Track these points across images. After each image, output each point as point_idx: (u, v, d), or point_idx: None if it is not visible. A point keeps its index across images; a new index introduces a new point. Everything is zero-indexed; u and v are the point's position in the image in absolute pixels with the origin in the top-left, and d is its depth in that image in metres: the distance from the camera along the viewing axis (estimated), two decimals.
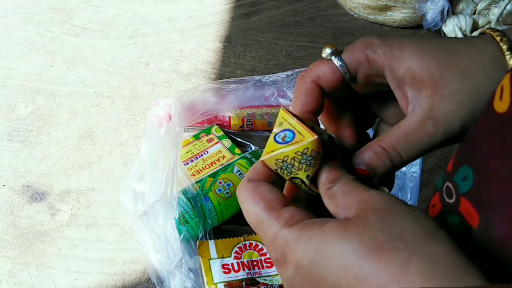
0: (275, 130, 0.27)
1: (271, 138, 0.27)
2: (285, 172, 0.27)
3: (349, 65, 0.30)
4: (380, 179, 0.30)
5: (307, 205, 0.30)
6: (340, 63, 0.30)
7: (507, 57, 0.28)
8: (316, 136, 0.25)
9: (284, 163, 0.27)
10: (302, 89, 0.31)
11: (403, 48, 0.30)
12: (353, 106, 0.34)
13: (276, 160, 0.27)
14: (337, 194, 0.26)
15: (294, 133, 0.26)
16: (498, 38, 0.29)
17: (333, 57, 0.31)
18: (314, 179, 0.27)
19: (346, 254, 0.23)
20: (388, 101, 0.33)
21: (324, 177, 0.27)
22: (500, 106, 0.25)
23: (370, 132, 0.36)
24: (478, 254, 0.26)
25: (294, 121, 0.27)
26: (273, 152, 0.27)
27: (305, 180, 0.27)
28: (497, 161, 0.25)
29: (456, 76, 0.28)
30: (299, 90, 0.31)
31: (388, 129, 0.32)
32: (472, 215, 0.26)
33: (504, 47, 0.29)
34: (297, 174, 0.27)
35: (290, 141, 0.26)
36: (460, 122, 0.28)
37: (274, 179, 0.28)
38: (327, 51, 0.31)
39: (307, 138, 0.26)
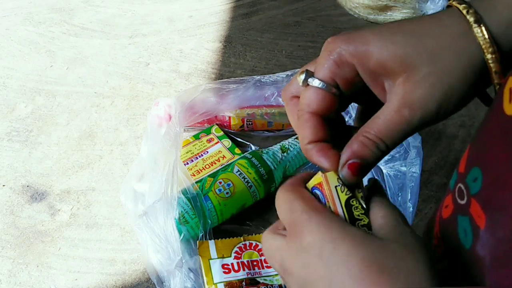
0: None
1: None
2: (346, 190, 0.30)
3: (326, 80, 0.30)
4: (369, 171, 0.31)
5: None
6: (320, 83, 0.30)
7: (475, 30, 0.28)
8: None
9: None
10: (303, 126, 0.31)
11: (368, 42, 0.29)
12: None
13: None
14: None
15: None
16: (464, 11, 0.28)
17: (310, 81, 0.31)
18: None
19: (353, 260, 0.25)
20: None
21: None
22: (510, 108, 0.25)
23: None
24: (485, 255, 0.26)
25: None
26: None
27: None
28: (504, 162, 0.25)
29: (425, 59, 0.28)
30: (301, 128, 0.32)
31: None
32: (480, 216, 0.26)
33: (471, 19, 0.28)
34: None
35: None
36: (435, 105, 0.29)
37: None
38: (301, 78, 0.31)
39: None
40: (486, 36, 0.28)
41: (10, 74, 0.95)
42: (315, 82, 0.31)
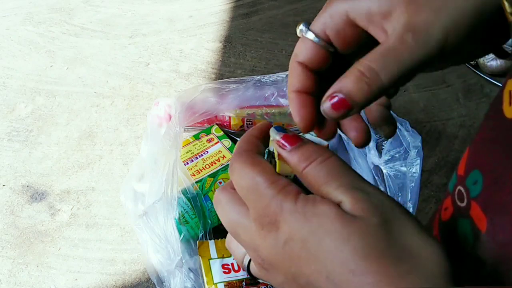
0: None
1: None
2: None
3: (319, 32, 0.29)
4: (359, 110, 0.28)
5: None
6: (313, 35, 0.29)
7: None
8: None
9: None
10: (290, 73, 0.30)
11: None
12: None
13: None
14: (320, 174, 0.26)
15: None
16: None
17: (304, 32, 0.29)
18: None
19: (345, 249, 0.23)
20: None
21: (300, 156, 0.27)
22: (510, 111, 0.25)
23: None
24: (486, 258, 0.26)
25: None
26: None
27: None
28: (504, 165, 0.25)
29: None
30: (289, 76, 0.30)
31: None
32: (480, 219, 0.26)
33: None
34: None
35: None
36: (441, 30, 0.26)
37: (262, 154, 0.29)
38: (299, 28, 0.30)
39: None
40: None
41: (10, 74, 0.95)
42: (307, 34, 0.29)
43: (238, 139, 0.81)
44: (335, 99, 0.26)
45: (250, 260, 0.29)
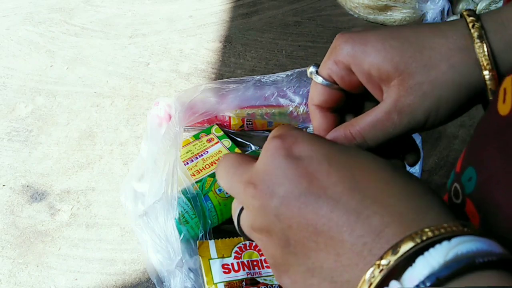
0: None
1: None
2: None
3: (326, 77, 0.32)
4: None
5: None
6: (321, 79, 0.32)
7: (476, 45, 0.28)
8: None
9: None
10: (311, 117, 0.34)
11: (366, 43, 0.30)
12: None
13: None
14: None
15: None
16: (470, 25, 0.28)
17: (313, 76, 0.32)
18: None
19: (379, 164, 0.23)
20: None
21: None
22: (503, 108, 0.25)
23: None
24: None
25: None
26: None
27: None
28: (498, 162, 0.25)
29: (421, 67, 0.28)
30: (312, 119, 0.34)
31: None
32: (474, 216, 0.27)
33: (475, 34, 0.28)
34: None
35: None
36: (423, 113, 0.29)
37: None
38: (310, 71, 0.33)
39: None
40: (486, 52, 0.27)
41: (10, 74, 0.95)
42: (316, 78, 0.32)
43: (238, 139, 0.81)
44: None
45: (241, 209, 0.27)
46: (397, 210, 0.21)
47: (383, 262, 0.19)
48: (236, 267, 0.62)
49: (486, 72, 0.28)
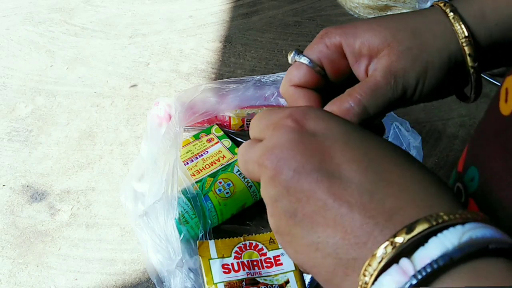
0: None
1: None
2: None
3: (315, 59, 0.32)
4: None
5: None
6: (307, 60, 0.32)
7: (450, 17, 0.31)
8: None
9: None
10: (288, 100, 0.34)
11: (356, 25, 0.32)
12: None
13: None
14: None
15: None
16: (441, 4, 0.32)
17: (297, 58, 0.33)
18: None
19: (395, 148, 0.24)
20: None
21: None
22: (505, 108, 0.25)
23: None
24: None
25: None
26: None
27: None
28: (500, 162, 0.25)
29: (408, 35, 0.31)
30: (287, 98, 0.34)
31: None
32: None
33: (447, 10, 0.31)
34: None
35: None
36: (415, 77, 0.31)
37: None
38: (292, 55, 0.33)
39: None
40: (460, 21, 0.31)
41: (10, 74, 0.95)
42: (302, 59, 0.32)
43: (238, 139, 0.81)
44: None
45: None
46: (411, 193, 0.21)
47: (397, 239, 0.19)
48: (236, 267, 0.62)
49: (463, 40, 0.31)
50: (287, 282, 0.61)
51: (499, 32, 0.31)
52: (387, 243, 0.19)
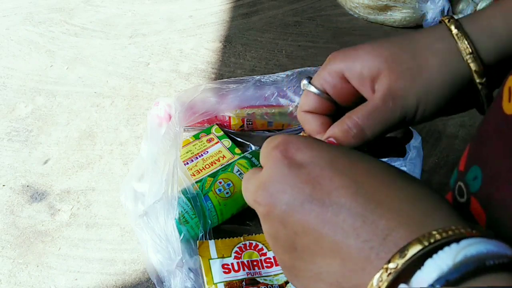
0: None
1: None
2: None
3: (319, 87, 0.33)
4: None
5: None
6: (314, 88, 0.33)
7: (454, 33, 0.30)
8: None
9: None
10: (302, 123, 0.35)
11: (357, 48, 0.32)
12: None
13: None
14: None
15: None
16: (446, 20, 0.31)
17: (306, 86, 0.34)
18: None
19: (381, 165, 0.24)
20: None
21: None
22: (509, 107, 0.25)
23: None
24: None
25: None
26: None
27: None
28: (503, 161, 0.25)
29: (408, 56, 0.31)
30: (301, 123, 0.35)
31: None
32: (480, 215, 0.27)
33: (452, 26, 0.31)
34: None
35: None
36: (414, 97, 0.30)
37: None
38: (303, 82, 0.34)
39: None
40: (464, 38, 0.30)
41: (10, 74, 0.95)
42: (309, 87, 0.33)
43: (238, 139, 0.81)
44: (332, 142, 0.31)
45: None
46: (403, 213, 0.21)
47: (391, 265, 0.19)
48: (236, 267, 0.62)
49: (468, 57, 0.30)
50: (287, 282, 0.61)
51: (511, 46, 0.30)
52: (381, 270, 0.19)
